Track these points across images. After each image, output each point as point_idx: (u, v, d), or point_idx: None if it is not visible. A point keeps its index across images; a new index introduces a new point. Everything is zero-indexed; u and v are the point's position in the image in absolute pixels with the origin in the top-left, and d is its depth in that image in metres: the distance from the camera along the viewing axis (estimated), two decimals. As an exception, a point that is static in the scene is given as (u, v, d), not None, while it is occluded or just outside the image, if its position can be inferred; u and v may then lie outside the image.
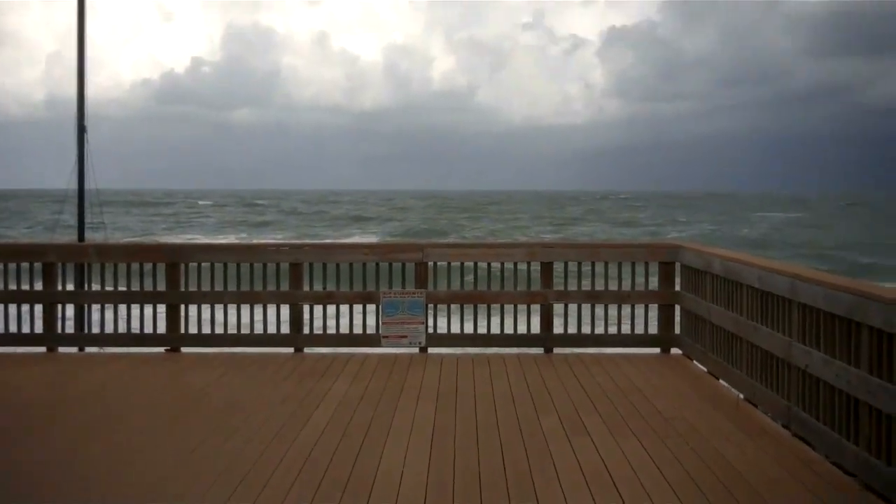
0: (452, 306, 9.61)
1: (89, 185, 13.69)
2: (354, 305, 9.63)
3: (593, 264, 9.60)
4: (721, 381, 8.04)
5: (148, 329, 9.71)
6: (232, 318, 9.69)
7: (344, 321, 9.63)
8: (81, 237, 13.67)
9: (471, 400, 7.41)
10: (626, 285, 9.60)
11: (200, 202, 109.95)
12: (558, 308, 9.60)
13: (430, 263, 9.61)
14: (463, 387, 7.92)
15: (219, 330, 9.72)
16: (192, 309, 9.67)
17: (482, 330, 9.60)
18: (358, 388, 7.84)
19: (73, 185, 13.61)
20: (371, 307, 9.64)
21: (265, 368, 8.76)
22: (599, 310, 9.65)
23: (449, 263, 9.68)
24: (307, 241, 34.92)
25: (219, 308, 9.65)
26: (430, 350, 9.58)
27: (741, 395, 7.41)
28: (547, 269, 9.57)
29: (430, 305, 9.56)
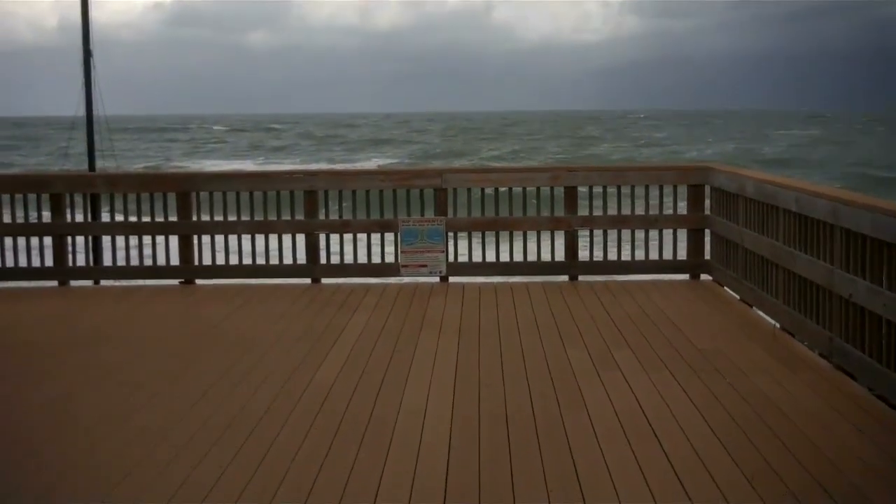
0: (473, 234, 9.29)
1: (98, 111, 13.32)
2: (372, 234, 9.31)
3: (619, 188, 9.21)
4: (755, 309, 7.72)
5: (161, 261, 9.45)
6: (246, 249, 9.40)
7: (362, 250, 9.33)
8: (92, 166, 13.37)
9: (494, 333, 7.13)
10: (654, 209, 9.21)
11: (215, 127, 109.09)
12: (583, 234, 9.25)
13: (450, 189, 9.25)
14: (486, 319, 7.64)
15: (233, 261, 9.44)
16: (206, 240, 9.38)
17: (504, 258, 9.28)
18: (377, 322, 7.57)
19: (81, 112, 13.24)
20: (389, 236, 9.32)
21: (281, 300, 8.50)
22: (626, 235, 9.30)
23: (469, 189, 9.31)
24: (322, 167, 34.33)
25: (232, 238, 9.36)
26: (451, 279, 9.29)
27: (777, 325, 7.09)
28: (571, 193, 9.19)
29: (450, 233, 9.23)
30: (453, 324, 7.45)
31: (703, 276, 9.15)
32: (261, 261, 9.48)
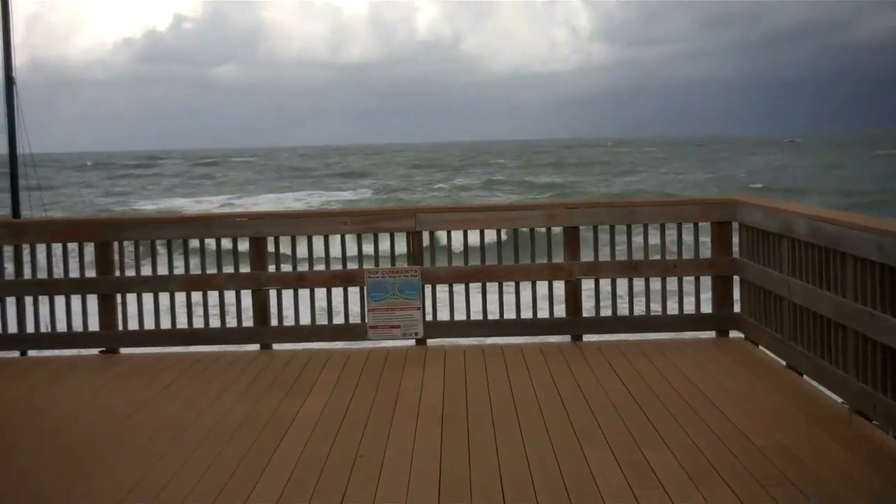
0: (455, 286, 7.69)
1: (23, 148, 11.65)
2: (333, 289, 7.70)
3: (629, 228, 7.66)
4: (807, 378, 6.18)
5: (77, 326, 7.80)
6: (181, 311, 7.75)
7: (321, 309, 7.72)
8: (16, 212, 11.66)
9: (487, 422, 5.52)
10: (671, 253, 7.67)
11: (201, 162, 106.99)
12: (587, 284, 7.69)
13: (425, 233, 7.67)
14: (475, 399, 6.05)
15: (165, 324, 7.80)
16: (132, 299, 7.74)
17: (493, 315, 7.69)
18: (338, 404, 5.96)
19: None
20: (354, 291, 7.72)
21: (221, 375, 6.87)
22: (639, 285, 7.75)
23: (449, 233, 7.72)
24: (269, 209, 31.83)
25: (164, 297, 7.72)
26: (430, 342, 7.70)
27: (847, 406, 5.54)
28: (572, 234, 7.64)
29: (428, 286, 7.65)
30: (434, 407, 5.85)
31: (733, 334, 7.60)
32: (199, 323, 7.82)
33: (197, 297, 7.75)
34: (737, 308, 7.60)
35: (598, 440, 5.11)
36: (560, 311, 7.74)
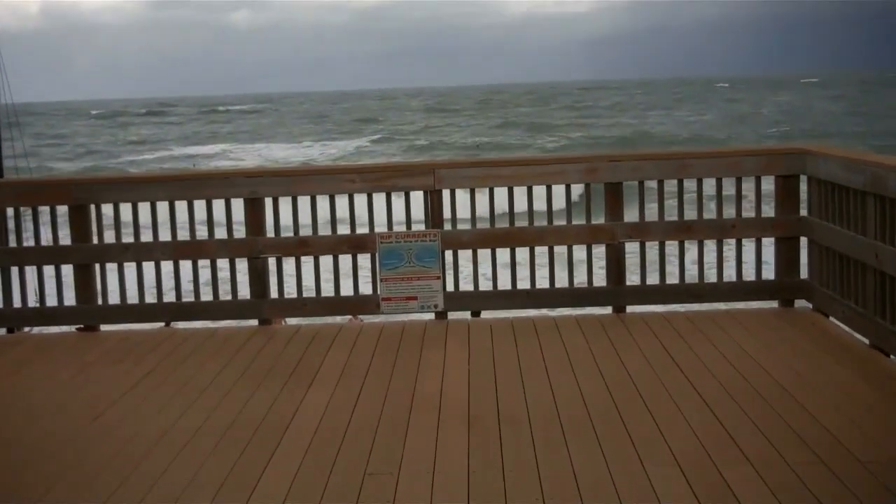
0: (480, 252, 6.72)
1: (3, 99, 10.67)
2: (340, 256, 6.76)
3: (680, 183, 6.63)
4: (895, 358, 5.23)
5: (52, 300, 6.90)
6: (168, 280, 6.83)
7: (326, 279, 6.78)
8: (-1, 170, 10.73)
9: (523, 422, 4.60)
10: (729, 212, 6.66)
11: (220, 108, 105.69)
12: (632, 248, 6.70)
13: (446, 191, 6.68)
14: (506, 387, 5.13)
15: (150, 298, 6.89)
16: (112, 269, 6.81)
17: (524, 284, 6.73)
18: (344, 400, 5.05)
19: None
20: (364, 257, 6.77)
21: (212, 360, 5.95)
22: (691, 249, 6.77)
23: (472, 191, 6.72)
24: (267, 166, 29.77)
25: (148, 266, 6.79)
26: (452, 316, 6.76)
27: None
28: (614, 192, 6.63)
29: (449, 251, 6.69)
30: (459, 403, 4.92)
31: (799, 303, 6.62)
32: (188, 297, 6.90)
33: (186, 266, 6.81)
34: (804, 274, 6.60)
35: (660, 451, 4.17)
36: (600, 278, 6.76)
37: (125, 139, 65.30)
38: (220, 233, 6.76)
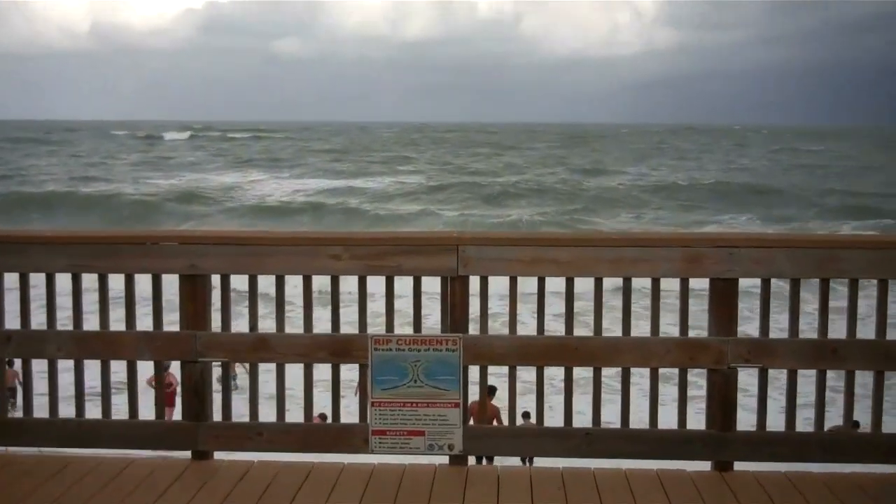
0: (521, 370, 4.56)
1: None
2: (315, 365, 4.62)
3: (824, 284, 4.45)
4: None
5: None
6: (66, 391, 4.71)
7: (294, 397, 4.63)
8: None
9: None
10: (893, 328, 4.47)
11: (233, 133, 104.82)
12: (748, 377, 4.50)
13: (474, 278, 4.53)
14: None
15: (40, 412, 4.77)
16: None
17: (582, 420, 4.56)
18: None
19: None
20: (349, 369, 4.64)
21: None
22: (836, 381, 4.57)
23: (514, 279, 4.56)
24: (212, 229, 23.53)
25: (40, 368, 4.68)
26: (474, 462, 4.61)
27: None
28: (725, 293, 4.45)
29: (475, 367, 4.55)
30: None
31: None
32: (94, 412, 4.76)
33: (93, 369, 4.69)
34: None
35: None
36: (698, 419, 4.56)
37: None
38: (144, 323, 4.65)
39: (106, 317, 4.65)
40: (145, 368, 4.67)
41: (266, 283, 4.58)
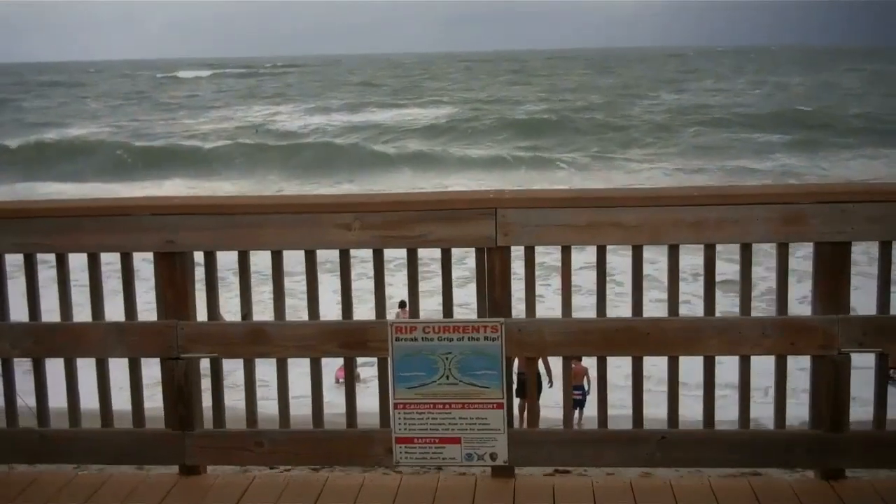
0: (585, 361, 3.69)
1: None
2: (323, 359, 3.77)
3: None
4: None
5: None
6: (25, 395, 3.90)
7: (300, 397, 3.79)
8: None
9: None
10: None
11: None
12: (863, 363, 3.61)
13: (517, 249, 3.64)
14: None
15: (-4, 421, 3.97)
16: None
17: (655, 421, 3.70)
18: None
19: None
20: (366, 363, 3.79)
21: None
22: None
23: (567, 249, 3.67)
24: (197, 195, 20.42)
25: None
26: (521, 472, 3.78)
27: None
28: (834, 260, 3.53)
29: (517, 359, 3.69)
30: None
31: None
32: (60, 422, 3.94)
33: (55, 368, 3.86)
34: None
35: None
36: (800, 415, 3.69)
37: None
38: (114, 312, 3.81)
39: (67, 306, 3.81)
40: (117, 366, 3.83)
41: (261, 261, 3.72)
